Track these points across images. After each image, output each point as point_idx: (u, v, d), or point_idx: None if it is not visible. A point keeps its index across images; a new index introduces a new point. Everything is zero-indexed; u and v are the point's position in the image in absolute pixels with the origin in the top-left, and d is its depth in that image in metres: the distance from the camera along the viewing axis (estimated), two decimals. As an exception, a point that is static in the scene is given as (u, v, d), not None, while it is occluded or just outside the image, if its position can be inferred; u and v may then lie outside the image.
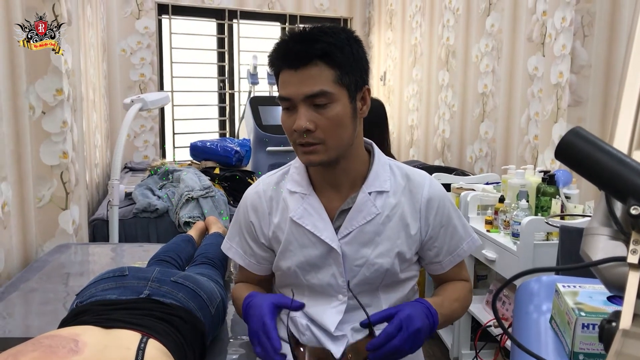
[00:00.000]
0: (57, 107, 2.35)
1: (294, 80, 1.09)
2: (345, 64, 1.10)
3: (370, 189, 1.20)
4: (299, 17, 5.31)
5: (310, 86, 1.08)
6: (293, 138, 1.13)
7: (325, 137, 1.11)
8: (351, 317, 1.22)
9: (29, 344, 1.02)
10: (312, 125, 1.09)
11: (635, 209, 0.54)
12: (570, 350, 0.88)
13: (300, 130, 1.09)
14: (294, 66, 1.09)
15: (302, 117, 1.09)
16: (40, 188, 2.39)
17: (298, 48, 1.09)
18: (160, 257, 1.91)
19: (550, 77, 2.67)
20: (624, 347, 0.53)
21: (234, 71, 5.27)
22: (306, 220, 1.19)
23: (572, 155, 0.59)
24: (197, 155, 4.05)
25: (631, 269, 0.56)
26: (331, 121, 1.10)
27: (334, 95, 1.10)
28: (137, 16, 4.74)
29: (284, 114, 1.14)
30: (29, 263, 2.24)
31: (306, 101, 1.09)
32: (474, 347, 2.51)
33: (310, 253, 1.20)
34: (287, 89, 1.11)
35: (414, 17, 4.54)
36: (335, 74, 1.09)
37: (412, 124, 4.64)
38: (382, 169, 1.22)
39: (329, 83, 1.09)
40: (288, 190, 1.23)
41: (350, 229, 1.18)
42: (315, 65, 1.08)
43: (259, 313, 1.09)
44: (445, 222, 1.23)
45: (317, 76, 1.08)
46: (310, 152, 1.12)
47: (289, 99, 1.11)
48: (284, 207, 1.22)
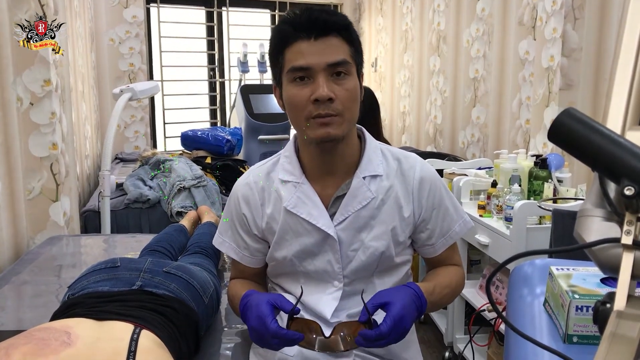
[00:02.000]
0: (45, 98, 2.32)
1: (314, 49, 1.09)
2: (356, 42, 1.15)
3: (364, 173, 1.19)
4: (288, 3, 5.27)
5: (334, 55, 1.09)
6: (308, 110, 1.10)
7: (343, 109, 1.11)
8: (346, 304, 1.22)
9: (21, 336, 1.01)
10: (333, 94, 1.09)
11: (629, 190, 0.54)
12: (565, 332, 0.88)
13: (323, 99, 1.08)
14: (315, 35, 1.09)
15: (324, 86, 1.08)
16: (30, 180, 2.36)
17: (322, 17, 1.10)
18: (152, 247, 1.91)
19: (542, 60, 2.66)
20: (618, 328, 0.53)
21: (224, 59, 5.23)
22: (300, 209, 1.18)
23: (565, 136, 0.58)
24: (188, 145, 4.03)
25: (625, 250, 0.55)
26: (349, 93, 1.11)
27: (351, 67, 1.12)
28: (125, 5, 4.69)
29: (295, 87, 1.11)
30: (20, 256, 2.23)
31: (327, 70, 1.09)
32: (468, 332, 2.52)
33: (306, 241, 1.19)
34: (306, 58, 1.09)
35: (405, 2, 4.51)
36: (350, 49, 1.12)
37: (403, 110, 4.64)
38: (374, 154, 1.22)
39: (347, 54, 1.12)
40: (280, 179, 1.21)
41: (345, 214, 1.18)
42: (335, 36, 1.10)
43: (257, 314, 1.06)
44: (437, 203, 1.23)
45: (338, 46, 1.11)
46: (327, 123, 1.10)
47: (307, 69, 1.09)
48: (277, 197, 1.21)
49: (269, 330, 1.02)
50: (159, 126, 5.08)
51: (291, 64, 1.10)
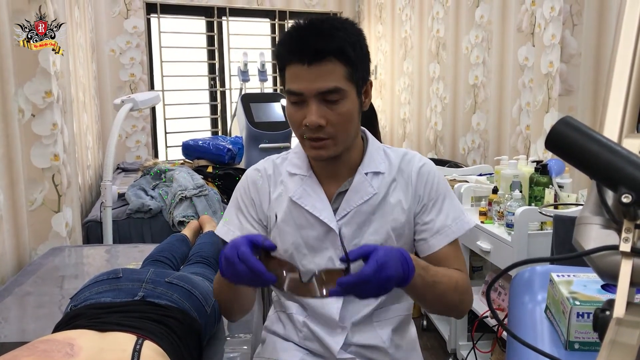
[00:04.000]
0: (46, 110, 2.33)
1: (306, 75, 1.08)
2: (356, 61, 1.11)
3: (366, 170, 1.22)
4: (288, 12, 5.29)
5: (324, 82, 1.08)
6: (301, 132, 1.14)
7: (335, 132, 1.12)
8: (352, 307, 1.23)
9: (24, 348, 1.01)
10: (324, 120, 1.10)
11: (626, 197, 0.54)
12: (566, 339, 0.88)
13: (312, 126, 1.10)
14: (308, 61, 1.07)
15: (314, 113, 1.09)
16: (32, 191, 2.37)
17: (313, 43, 1.07)
18: (154, 257, 1.91)
19: (541, 66, 2.67)
20: (618, 335, 0.54)
21: (224, 69, 5.24)
22: (305, 201, 1.21)
23: (562, 144, 0.59)
24: (189, 154, 4.04)
25: (623, 257, 0.56)
26: (342, 117, 1.11)
27: (345, 92, 1.11)
28: (125, 16, 4.71)
29: (291, 107, 1.14)
30: (22, 267, 2.23)
31: (318, 96, 1.09)
32: (471, 338, 2.52)
33: (307, 234, 1.21)
34: (299, 83, 1.10)
35: (404, 10, 4.53)
36: (347, 71, 1.10)
37: (404, 117, 4.64)
38: (376, 153, 1.25)
39: (341, 79, 1.10)
40: (288, 172, 1.25)
41: (348, 209, 1.20)
42: (329, 61, 1.08)
43: (233, 245, 0.98)
44: (435, 195, 1.22)
45: (331, 72, 1.08)
46: (319, 147, 1.13)
47: (300, 94, 1.10)
48: (283, 187, 1.24)
49: (239, 254, 0.95)
50: (160, 136, 5.08)
51: (288, 85, 1.13)
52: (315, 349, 1.27)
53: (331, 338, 1.24)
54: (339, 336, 1.24)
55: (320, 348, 1.26)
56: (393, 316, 1.29)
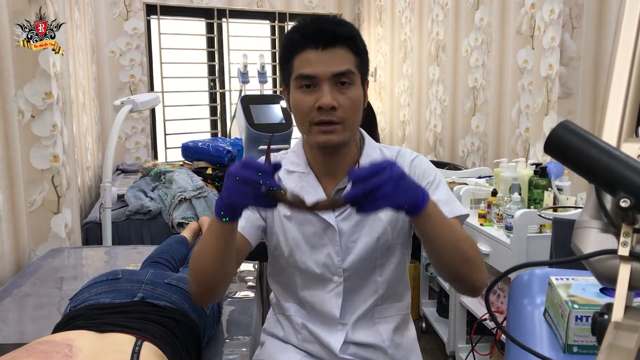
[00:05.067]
0: (46, 111, 2.33)
1: (320, 59, 1.13)
2: (362, 52, 1.19)
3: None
4: (288, 14, 5.30)
5: (339, 65, 1.13)
6: (311, 117, 1.15)
7: (345, 117, 1.15)
8: (352, 304, 1.24)
9: (22, 350, 1.01)
10: (336, 103, 1.13)
11: (625, 202, 0.54)
12: (565, 342, 0.88)
13: (327, 107, 1.12)
14: (322, 45, 1.13)
15: (327, 95, 1.13)
16: (31, 192, 2.37)
17: (329, 28, 1.14)
18: (154, 259, 1.91)
19: (540, 69, 2.67)
20: (616, 339, 0.54)
21: (224, 70, 5.24)
22: (304, 197, 1.20)
23: (561, 148, 0.59)
24: (189, 156, 4.04)
25: (622, 262, 0.56)
26: (352, 102, 1.15)
27: (355, 77, 1.16)
28: (125, 17, 4.71)
29: (301, 93, 1.16)
30: (21, 268, 2.23)
31: (331, 79, 1.14)
32: (470, 341, 2.52)
33: (306, 230, 1.22)
34: (312, 67, 1.14)
35: (403, 12, 4.54)
36: (356, 59, 1.16)
37: (403, 119, 4.65)
38: (372, 151, 1.27)
39: (352, 65, 1.15)
40: (286, 170, 1.27)
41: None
42: (341, 47, 1.14)
43: (245, 161, 0.95)
44: (428, 182, 1.22)
45: (344, 57, 1.15)
46: (330, 131, 1.15)
47: (313, 77, 1.14)
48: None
49: (243, 163, 0.93)
50: (160, 137, 5.08)
51: (299, 71, 1.15)
52: (315, 350, 1.27)
53: (331, 337, 1.24)
54: (339, 334, 1.24)
55: (320, 349, 1.26)
56: (394, 314, 1.29)
